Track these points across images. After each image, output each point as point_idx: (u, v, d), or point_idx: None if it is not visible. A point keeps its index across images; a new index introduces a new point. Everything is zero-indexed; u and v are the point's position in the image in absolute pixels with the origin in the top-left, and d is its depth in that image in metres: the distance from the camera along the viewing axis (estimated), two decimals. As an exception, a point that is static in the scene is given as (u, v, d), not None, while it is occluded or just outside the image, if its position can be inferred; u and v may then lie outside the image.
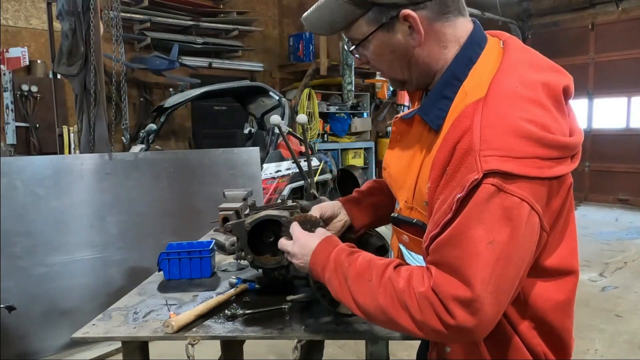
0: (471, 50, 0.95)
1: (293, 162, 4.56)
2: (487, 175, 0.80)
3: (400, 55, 0.97)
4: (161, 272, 1.64)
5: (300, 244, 1.08)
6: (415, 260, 1.06)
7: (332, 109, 8.16)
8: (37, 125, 5.49)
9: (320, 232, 1.10)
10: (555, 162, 0.84)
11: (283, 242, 1.13)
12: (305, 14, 1.00)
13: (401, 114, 1.10)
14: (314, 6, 0.98)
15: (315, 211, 1.24)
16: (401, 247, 1.11)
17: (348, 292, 0.95)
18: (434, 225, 0.87)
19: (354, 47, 1.01)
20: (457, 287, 0.81)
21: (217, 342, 2.12)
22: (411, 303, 0.85)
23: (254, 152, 3.89)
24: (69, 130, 5.21)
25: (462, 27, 0.97)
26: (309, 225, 1.13)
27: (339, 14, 0.95)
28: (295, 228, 1.12)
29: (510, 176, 0.80)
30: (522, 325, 0.94)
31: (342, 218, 1.29)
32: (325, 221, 1.25)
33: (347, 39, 1.02)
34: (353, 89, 7.67)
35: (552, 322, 0.96)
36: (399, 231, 1.09)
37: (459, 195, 0.82)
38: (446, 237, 0.84)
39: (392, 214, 1.11)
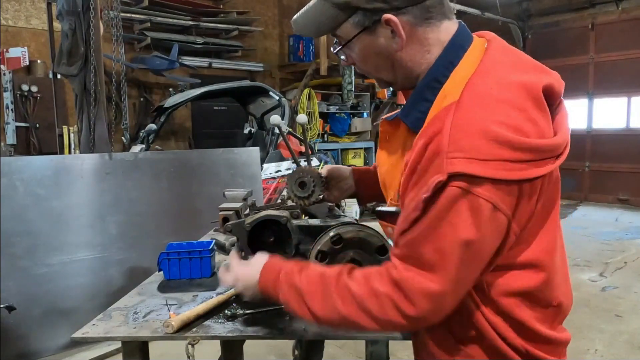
0: (453, 52, 0.95)
1: (293, 162, 4.57)
2: (452, 177, 0.81)
3: (383, 58, 0.99)
4: (161, 272, 1.64)
5: (241, 277, 1.08)
6: None
7: (332, 109, 8.17)
8: (37, 125, 5.50)
9: (258, 258, 1.08)
10: (529, 164, 0.83)
11: (225, 278, 1.13)
12: (295, 16, 1.02)
13: (385, 115, 1.12)
14: (303, 9, 1.00)
15: (324, 170, 1.35)
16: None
17: (306, 308, 0.95)
18: (403, 219, 0.89)
19: (339, 47, 1.03)
20: (425, 281, 0.85)
21: (217, 342, 2.12)
22: (371, 304, 0.88)
23: (254, 152, 3.89)
24: (69, 130, 5.22)
25: (446, 30, 0.97)
26: (303, 174, 1.23)
27: (326, 16, 0.98)
28: (232, 260, 1.14)
29: (477, 178, 0.81)
30: (483, 308, 0.93)
31: (350, 183, 1.39)
32: (330, 182, 1.37)
33: (335, 40, 1.05)
34: (353, 89, 7.68)
35: (509, 309, 0.93)
36: (384, 224, 1.12)
37: (424, 195, 0.84)
38: (416, 234, 0.87)
39: (377, 209, 1.14)
